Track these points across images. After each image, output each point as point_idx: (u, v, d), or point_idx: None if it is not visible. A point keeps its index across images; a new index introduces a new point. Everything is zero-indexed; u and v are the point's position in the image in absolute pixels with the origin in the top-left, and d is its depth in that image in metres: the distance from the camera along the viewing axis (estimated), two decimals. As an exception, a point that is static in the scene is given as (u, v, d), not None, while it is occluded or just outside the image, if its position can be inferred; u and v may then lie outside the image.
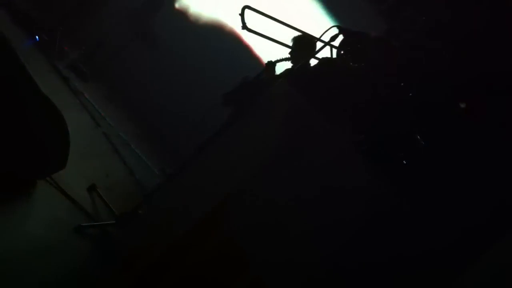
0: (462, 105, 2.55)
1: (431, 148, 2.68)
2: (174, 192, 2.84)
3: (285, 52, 4.16)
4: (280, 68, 4.40)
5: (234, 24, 6.08)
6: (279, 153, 2.60)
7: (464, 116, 2.51)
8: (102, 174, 3.18)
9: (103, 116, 4.39)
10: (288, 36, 3.58)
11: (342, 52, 2.75)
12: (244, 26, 2.76)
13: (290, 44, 3.97)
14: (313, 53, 3.09)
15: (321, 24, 6.33)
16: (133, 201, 3.18)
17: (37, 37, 4.36)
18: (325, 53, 3.06)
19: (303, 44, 4.11)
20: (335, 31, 2.84)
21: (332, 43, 2.85)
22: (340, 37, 2.84)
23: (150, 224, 2.69)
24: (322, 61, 3.06)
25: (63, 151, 1.98)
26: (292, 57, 4.27)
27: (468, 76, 2.67)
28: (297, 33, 3.50)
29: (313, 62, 3.18)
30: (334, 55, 3.03)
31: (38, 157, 1.76)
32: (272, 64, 4.77)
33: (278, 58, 4.68)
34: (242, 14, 2.75)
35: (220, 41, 6.54)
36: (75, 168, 2.76)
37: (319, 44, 3.00)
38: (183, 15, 7.03)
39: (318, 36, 3.03)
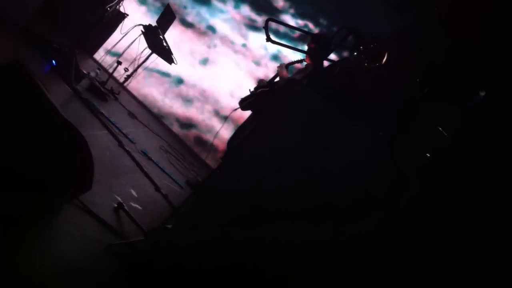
0: (482, 93, 2.52)
1: (455, 141, 2.65)
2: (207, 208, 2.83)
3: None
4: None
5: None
6: (300, 154, 2.60)
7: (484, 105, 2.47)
8: (128, 191, 3.20)
9: (124, 133, 4.44)
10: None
11: (356, 53, 2.74)
12: (269, 39, 2.81)
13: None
14: (326, 53, 3.09)
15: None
16: (161, 215, 3.21)
17: (54, 61, 4.42)
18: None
19: (321, 43, 4.11)
20: (344, 32, 2.84)
21: (343, 43, 2.85)
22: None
23: (184, 240, 2.70)
24: (338, 62, 3.06)
25: (87, 172, 2.00)
26: (311, 54, 4.27)
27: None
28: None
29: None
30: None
31: (63, 181, 1.77)
32: (285, 67, 4.78)
33: (291, 61, 4.70)
34: (266, 27, 2.80)
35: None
36: (101, 188, 2.79)
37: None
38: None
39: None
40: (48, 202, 1.93)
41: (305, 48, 4.15)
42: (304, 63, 4.39)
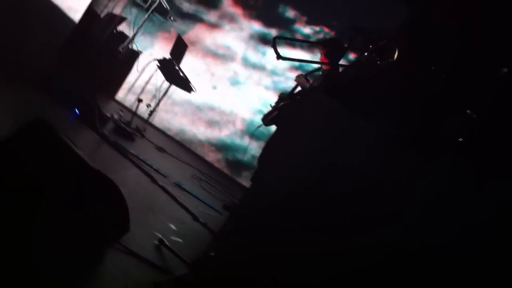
0: (505, 70, 2.46)
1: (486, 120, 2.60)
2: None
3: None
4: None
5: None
6: (324, 160, 2.59)
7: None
8: (167, 226, 3.23)
9: (156, 169, 4.50)
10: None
11: (366, 53, 2.72)
12: (279, 56, 2.82)
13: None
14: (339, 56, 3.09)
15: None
16: (203, 244, 3.23)
17: (77, 110, 4.53)
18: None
19: (335, 46, 4.11)
20: (351, 32, 2.83)
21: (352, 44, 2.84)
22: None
23: (229, 264, 2.70)
24: (351, 65, 3.05)
25: (123, 215, 2.03)
26: (327, 57, 4.27)
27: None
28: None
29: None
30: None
31: (101, 228, 1.80)
32: (303, 76, 4.79)
33: (309, 70, 4.71)
34: (274, 45, 2.81)
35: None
36: (140, 227, 2.82)
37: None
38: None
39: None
40: (89, 251, 1.97)
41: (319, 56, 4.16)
42: (319, 72, 4.40)
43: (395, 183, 2.28)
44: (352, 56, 4.78)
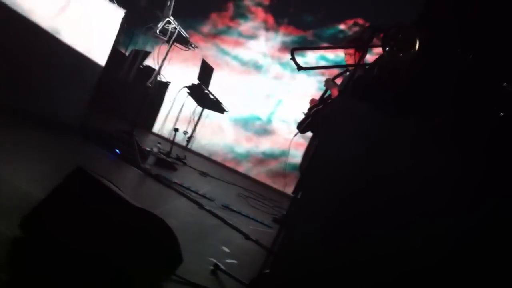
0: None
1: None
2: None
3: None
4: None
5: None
6: (367, 163, 2.58)
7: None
8: (220, 249, 3.27)
9: (201, 194, 4.57)
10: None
11: (387, 48, 2.70)
12: (299, 67, 2.82)
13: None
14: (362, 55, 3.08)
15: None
16: (258, 262, 3.25)
17: (116, 149, 4.66)
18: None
19: (358, 45, 4.09)
20: (369, 32, 2.82)
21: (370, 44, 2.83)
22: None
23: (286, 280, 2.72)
24: (374, 62, 3.03)
25: (174, 248, 2.07)
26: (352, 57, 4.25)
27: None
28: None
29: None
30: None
31: (154, 265, 1.85)
32: (331, 80, 4.79)
33: (336, 75, 4.70)
34: (293, 57, 2.81)
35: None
36: (194, 255, 2.87)
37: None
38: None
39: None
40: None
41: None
42: (347, 73, 4.39)
43: (441, 177, 2.25)
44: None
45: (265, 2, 8.44)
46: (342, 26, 7.79)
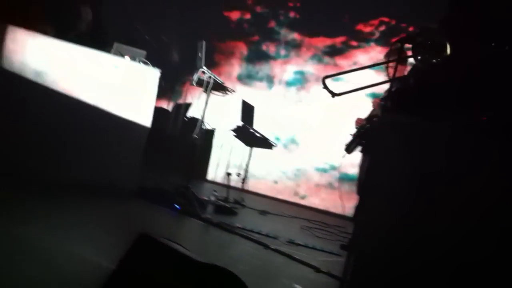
0: None
1: None
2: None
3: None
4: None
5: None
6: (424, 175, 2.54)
7: None
8: (292, 287, 3.24)
9: (265, 234, 4.57)
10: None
11: (419, 57, 2.68)
12: (333, 94, 2.82)
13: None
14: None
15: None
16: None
17: (176, 205, 4.75)
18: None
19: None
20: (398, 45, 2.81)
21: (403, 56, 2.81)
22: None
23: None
24: (408, 73, 3.01)
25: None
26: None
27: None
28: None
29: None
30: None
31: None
32: (380, 100, 4.77)
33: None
34: (325, 86, 2.82)
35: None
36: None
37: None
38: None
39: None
40: None
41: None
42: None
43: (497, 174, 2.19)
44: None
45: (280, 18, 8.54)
46: (368, 29, 7.78)
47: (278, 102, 8.40)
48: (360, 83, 3.05)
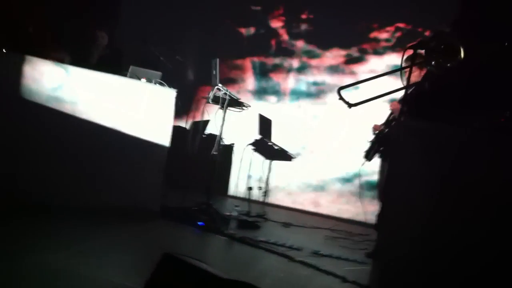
0: None
1: None
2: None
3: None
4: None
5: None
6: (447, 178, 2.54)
7: None
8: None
9: (289, 246, 4.57)
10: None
11: (433, 62, 2.69)
12: (350, 105, 2.81)
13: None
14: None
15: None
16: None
17: (199, 222, 4.79)
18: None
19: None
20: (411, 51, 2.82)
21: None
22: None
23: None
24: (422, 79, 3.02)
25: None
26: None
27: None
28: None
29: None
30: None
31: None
32: (397, 103, 4.76)
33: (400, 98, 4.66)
34: (341, 97, 2.80)
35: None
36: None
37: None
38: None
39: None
40: None
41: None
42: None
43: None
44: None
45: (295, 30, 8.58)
46: (384, 35, 7.79)
47: (294, 113, 8.42)
48: (377, 90, 3.06)
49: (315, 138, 8.09)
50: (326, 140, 7.97)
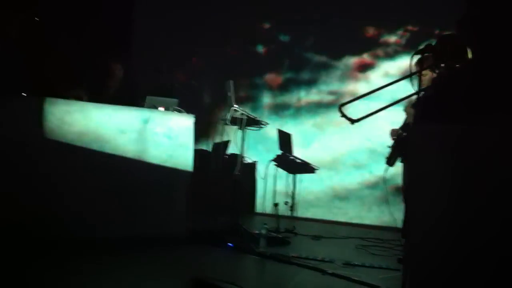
0: None
1: None
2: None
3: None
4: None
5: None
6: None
7: None
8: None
9: (320, 259, 4.56)
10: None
11: (442, 64, 2.71)
12: (352, 121, 2.81)
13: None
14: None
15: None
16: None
17: (228, 244, 4.83)
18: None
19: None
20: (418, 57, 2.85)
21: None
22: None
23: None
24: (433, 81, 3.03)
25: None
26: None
27: None
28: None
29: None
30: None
31: None
32: (411, 106, 4.75)
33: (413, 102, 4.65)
34: (342, 114, 2.81)
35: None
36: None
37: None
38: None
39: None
40: None
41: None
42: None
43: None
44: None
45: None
46: (393, 38, 7.79)
47: (313, 124, 8.42)
48: (391, 95, 3.07)
49: (336, 147, 8.07)
50: (347, 148, 7.94)
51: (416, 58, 3.01)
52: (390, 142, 5.11)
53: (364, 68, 8.04)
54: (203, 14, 8.98)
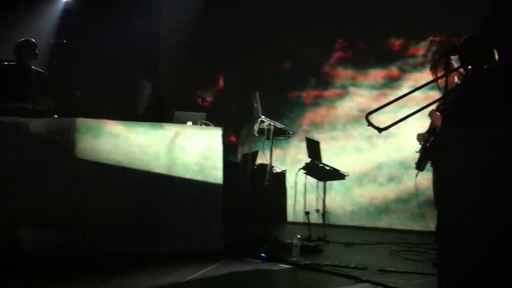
0: None
1: None
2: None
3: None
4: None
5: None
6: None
7: None
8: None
9: (353, 267, 4.55)
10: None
11: (469, 66, 2.71)
12: (380, 129, 2.78)
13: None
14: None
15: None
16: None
17: (261, 254, 4.86)
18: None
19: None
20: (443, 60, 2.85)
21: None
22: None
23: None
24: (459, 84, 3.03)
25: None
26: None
27: None
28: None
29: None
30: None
31: None
32: (436, 111, 4.73)
33: (438, 104, 4.63)
34: (369, 123, 2.78)
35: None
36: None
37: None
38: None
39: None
40: None
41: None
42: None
43: None
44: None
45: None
46: (420, 51, 7.74)
47: (344, 136, 8.36)
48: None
49: (367, 156, 8.02)
50: (379, 158, 7.89)
51: (439, 61, 3.02)
52: (418, 146, 5.08)
53: (392, 80, 7.96)
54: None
